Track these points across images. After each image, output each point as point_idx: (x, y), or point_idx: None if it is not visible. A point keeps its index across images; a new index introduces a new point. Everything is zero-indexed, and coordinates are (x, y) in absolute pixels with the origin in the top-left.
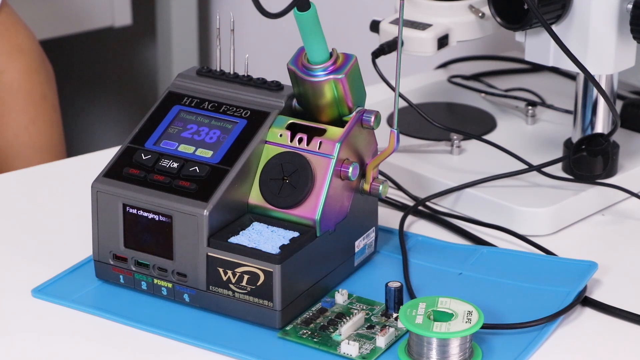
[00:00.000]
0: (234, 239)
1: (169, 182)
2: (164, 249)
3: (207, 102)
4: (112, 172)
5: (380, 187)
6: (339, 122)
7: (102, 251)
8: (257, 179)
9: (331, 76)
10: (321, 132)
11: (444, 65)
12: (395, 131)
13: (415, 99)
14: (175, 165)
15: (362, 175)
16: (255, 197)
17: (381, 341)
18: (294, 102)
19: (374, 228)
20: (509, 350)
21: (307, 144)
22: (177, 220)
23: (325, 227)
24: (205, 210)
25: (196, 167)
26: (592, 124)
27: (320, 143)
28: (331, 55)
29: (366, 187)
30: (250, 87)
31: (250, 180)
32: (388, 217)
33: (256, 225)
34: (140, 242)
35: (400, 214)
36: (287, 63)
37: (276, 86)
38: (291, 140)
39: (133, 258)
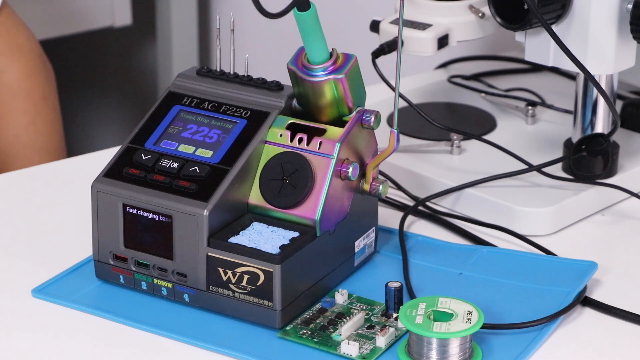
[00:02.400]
0: (234, 239)
1: (169, 182)
2: (164, 249)
3: (207, 102)
4: (112, 172)
5: (380, 187)
6: (339, 122)
7: (102, 251)
8: (257, 179)
9: (331, 76)
10: (321, 132)
11: (444, 65)
12: (395, 131)
13: (415, 99)
14: (175, 165)
15: (362, 175)
16: (255, 197)
17: (381, 341)
18: (294, 102)
19: (374, 228)
20: (509, 350)
21: (307, 144)
22: (177, 220)
23: (325, 227)
24: (205, 210)
25: (196, 167)
26: (592, 124)
27: (320, 143)
28: (331, 55)
29: (366, 187)
30: (250, 87)
31: (250, 180)
32: (388, 217)
33: (256, 225)
34: (140, 242)
35: (400, 214)
36: (287, 63)
37: (276, 86)
38: (291, 140)
39: (133, 258)
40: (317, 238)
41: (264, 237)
